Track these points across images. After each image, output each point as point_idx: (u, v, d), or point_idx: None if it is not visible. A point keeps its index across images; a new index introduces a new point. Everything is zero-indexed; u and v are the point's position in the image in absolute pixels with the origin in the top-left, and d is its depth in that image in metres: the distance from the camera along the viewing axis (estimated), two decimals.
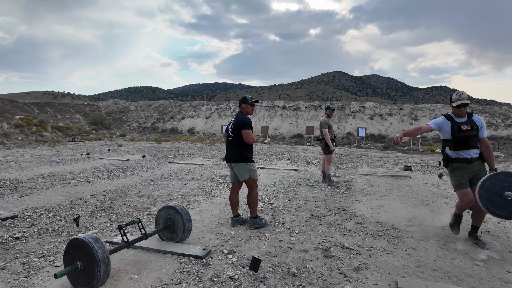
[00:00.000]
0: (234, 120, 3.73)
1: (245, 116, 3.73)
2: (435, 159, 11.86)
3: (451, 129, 3.29)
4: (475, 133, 3.25)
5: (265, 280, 2.60)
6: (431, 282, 2.59)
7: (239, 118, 3.67)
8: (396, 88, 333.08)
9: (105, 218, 4.17)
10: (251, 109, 3.82)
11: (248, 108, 3.80)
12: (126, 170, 8.04)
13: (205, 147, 15.99)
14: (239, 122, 3.63)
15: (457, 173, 3.35)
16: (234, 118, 3.76)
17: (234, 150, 3.67)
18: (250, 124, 3.62)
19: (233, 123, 3.71)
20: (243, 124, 3.59)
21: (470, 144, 3.27)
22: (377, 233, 3.77)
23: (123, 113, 29.18)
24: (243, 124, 3.58)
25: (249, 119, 3.68)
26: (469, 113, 3.33)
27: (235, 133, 3.65)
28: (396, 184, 6.80)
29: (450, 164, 3.43)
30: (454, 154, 3.36)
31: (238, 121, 3.65)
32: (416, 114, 22.32)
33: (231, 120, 3.82)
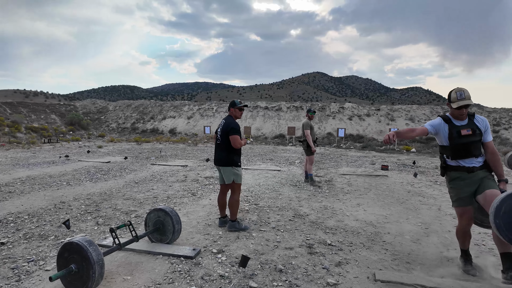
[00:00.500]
0: (222, 124, 3.84)
1: (233, 120, 3.84)
2: (410, 158, 12.44)
3: (448, 134, 2.75)
4: (477, 138, 2.69)
5: (254, 276, 2.76)
6: (405, 274, 2.83)
7: (227, 123, 3.79)
8: (374, 88, 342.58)
9: (92, 222, 4.18)
10: (240, 113, 3.94)
11: (237, 112, 3.92)
12: (108, 173, 7.95)
13: (188, 148, 15.94)
14: (227, 127, 3.74)
15: (457, 184, 2.77)
16: (222, 122, 3.87)
17: (222, 153, 3.79)
18: (237, 129, 3.74)
19: (222, 127, 3.82)
20: (230, 129, 3.70)
21: (472, 152, 2.71)
22: (356, 230, 4.01)
23: (102, 113, 28.46)
24: (231, 130, 3.70)
25: (237, 124, 3.80)
26: (471, 114, 2.78)
27: (223, 137, 3.77)
28: (374, 183, 7.14)
29: (448, 172, 2.87)
30: (453, 162, 2.81)
31: (226, 125, 3.77)
32: (393, 114, 23.18)
33: (220, 123, 3.92)
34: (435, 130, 2.84)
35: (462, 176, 2.75)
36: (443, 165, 2.90)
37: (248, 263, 2.94)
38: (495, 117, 22.22)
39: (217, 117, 26.23)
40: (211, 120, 25.85)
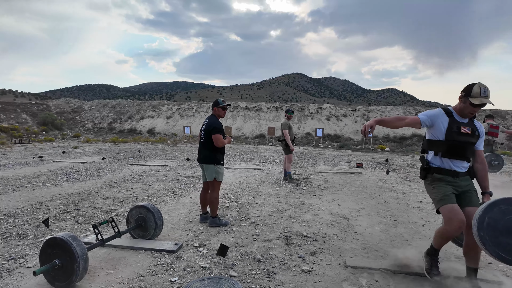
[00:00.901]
0: (205, 123, 3.95)
1: (217, 119, 3.97)
2: (384, 157, 13.01)
3: (447, 128, 2.48)
4: (474, 140, 2.49)
5: (234, 267, 2.91)
6: (373, 260, 3.09)
7: (210, 122, 3.90)
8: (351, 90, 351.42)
9: (71, 221, 4.18)
10: (223, 113, 4.06)
11: (220, 111, 4.04)
12: (86, 173, 7.83)
13: (167, 148, 15.82)
14: (210, 126, 3.86)
15: (440, 184, 2.53)
16: (206, 121, 3.98)
17: (205, 151, 3.91)
18: (219, 129, 3.86)
19: (205, 126, 3.93)
20: (213, 128, 3.82)
21: (466, 154, 2.50)
22: (330, 222, 4.26)
23: (76, 113, 27.57)
24: (213, 129, 3.82)
25: (220, 123, 3.92)
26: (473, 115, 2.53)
27: (206, 136, 3.89)
28: (348, 180, 7.48)
29: (429, 175, 2.59)
30: (439, 162, 2.55)
31: (209, 125, 3.89)
32: (368, 115, 24.00)
33: (204, 122, 4.03)
34: (431, 121, 2.53)
35: (446, 178, 2.51)
36: (425, 166, 2.60)
37: (228, 254, 3.10)
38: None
39: (197, 117, 26.11)
40: (191, 120, 25.70)
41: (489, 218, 2.07)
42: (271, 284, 2.61)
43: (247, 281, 2.66)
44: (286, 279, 2.70)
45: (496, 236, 2.05)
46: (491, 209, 2.10)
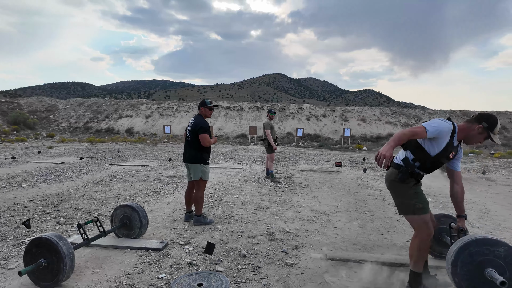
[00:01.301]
0: (192, 123, 4.00)
1: (203, 119, 4.02)
2: (361, 156, 13.46)
3: (442, 149, 2.36)
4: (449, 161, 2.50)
5: (220, 262, 3.00)
6: (351, 252, 3.28)
7: (196, 122, 3.95)
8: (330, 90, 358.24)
9: (52, 222, 4.11)
10: (210, 113, 4.12)
11: (207, 111, 4.09)
12: (64, 174, 7.63)
13: (147, 148, 15.59)
14: (196, 125, 3.91)
15: (420, 190, 2.50)
16: (192, 121, 4.02)
17: (191, 151, 3.96)
18: (206, 128, 3.92)
19: (191, 125, 3.98)
20: (200, 128, 3.88)
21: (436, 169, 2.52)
22: (311, 219, 4.43)
23: (50, 112, 26.53)
24: (200, 128, 3.87)
25: (207, 123, 3.97)
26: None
27: (192, 135, 3.93)
28: (328, 178, 7.74)
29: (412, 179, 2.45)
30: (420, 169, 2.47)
31: (195, 124, 3.93)
32: (347, 115, 24.67)
33: (190, 122, 4.08)
34: (438, 134, 2.32)
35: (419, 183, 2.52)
36: (411, 171, 2.41)
37: (214, 251, 3.18)
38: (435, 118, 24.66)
39: (178, 117, 25.82)
40: (171, 120, 25.38)
41: (462, 262, 2.07)
42: (256, 278, 2.73)
43: (233, 275, 2.76)
44: (271, 272, 2.82)
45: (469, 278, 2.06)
46: (463, 253, 2.08)
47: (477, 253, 2.04)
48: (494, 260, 2.01)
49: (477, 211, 5.00)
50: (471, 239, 2.08)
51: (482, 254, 2.04)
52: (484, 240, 2.04)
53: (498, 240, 2.06)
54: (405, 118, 24.73)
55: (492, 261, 2.02)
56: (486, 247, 2.03)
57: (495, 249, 2.02)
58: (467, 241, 2.08)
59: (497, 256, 2.01)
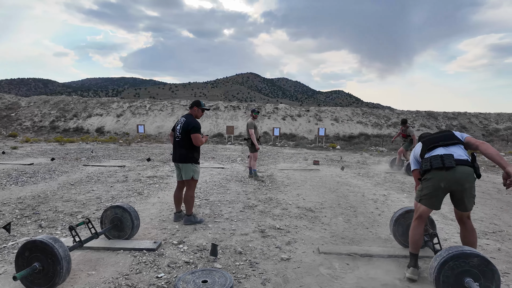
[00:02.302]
0: (183, 122, 3.97)
1: (194, 119, 4.00)
2: (336, 154, 13.93)
3: None
4: None
5: (217, 260, 3.04)
6: (341, 246, 3.44)
7: (188, 121, 3.93)
8: (302, 91, 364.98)
9: (33, 225, 3.92)
10: (201, 114, 4.13)
11: (199, 112, 4.09)
12: (35, 175, 7.23)
13: (120, 147, 15.10)
14: (188, 125, 3.89)
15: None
16: (183, 120, 3.99)
17: (181, 150, 3.93)
18: (199, 128, 3.90)
19: (182, 124, 3.95)
20: (192, 127, 3.86)
21: None
22: (299, 215, 4.57)
23: (11, 110, 24.84)
24: (193, 128, 3.85)
25: (198, 123, 3.95)
26: None
27: (183, 134, 3.91)
28: (308, 176, 7.96)
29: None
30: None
31: (187, 124, 3.91)
32: (320, 115, 25.34)
33: (179, 121, 4.03)
34: None
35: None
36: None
37: (209, 249, 3.22)
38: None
39: (151, 116, 25.18)
40: (144, 119, 24.71)
41: (443, 276, 2.34)
42: (255, 273, 2.80)
43: (232, 271, 2.81)
44: (268, 268, 2.91)
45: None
46: (443, 268, 2.34)
47: (456, 267, 2.31)
48: (470, 270, 2.29)
49: (449, 205, 5.38)
50: (449, 255, 2.34)
51: (460, 267, 2.31)
52: (460, 254, 2.32)
53: (472, 252, 2.33)
54: (375, 118, 25.85)
55: (468, 271, 2.29)
56: (462, 260, 2.30)
57: (469, 260, 2.29)
58: (445, 258, 2.34)
59: (472, 266, 2.29)
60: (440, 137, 2.74)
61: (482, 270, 2.27)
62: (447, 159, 2.53)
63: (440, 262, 2.35)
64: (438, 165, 2.54)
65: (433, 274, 2.38)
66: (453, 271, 2.31)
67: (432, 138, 2.79)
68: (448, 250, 2.40)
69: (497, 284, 2.25)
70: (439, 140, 2.70)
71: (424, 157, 2.72)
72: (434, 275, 2.36)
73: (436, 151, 2.64)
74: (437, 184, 2.58)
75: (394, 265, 3.01)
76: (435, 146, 2.68)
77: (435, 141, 2.71)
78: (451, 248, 2.42)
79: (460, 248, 2.37)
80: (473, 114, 27.64)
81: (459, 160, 2.52)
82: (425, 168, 2.65)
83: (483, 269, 2.27)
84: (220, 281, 2.39)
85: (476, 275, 2.27)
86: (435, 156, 2.59)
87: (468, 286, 2.24)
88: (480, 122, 26.50)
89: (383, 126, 24.79)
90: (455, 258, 2.32)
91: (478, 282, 2.25)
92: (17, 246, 3.28)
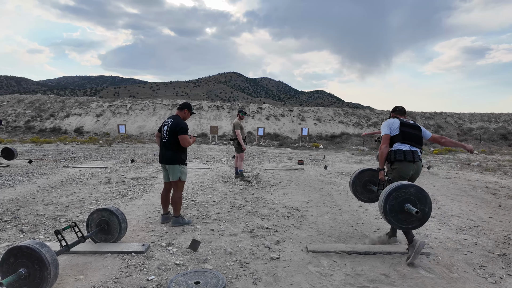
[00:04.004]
0: (170, 123, 3.93)
1: (182, 120, 3.97)
2: (320, 154, 14.15)
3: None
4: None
5: (207, 261, 3.05)
6: (329, 244, 3.53)
7: (175, 122, 3.90)
8: (285, 91, 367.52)
9: (14, 230, 3.78)
10: (189, 116, 4.17)
11: (188, 115, 4.12)
12: (12, 178, 6.95)
13: (101, 148, 14.73)
14: (176, 126, 3.86)
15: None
16: (170, 121, 3.96)
17: (168, 151, 3.90)
18: (187, 129, 3.89)
19: (169, 126, 3.91)
20: (180, 128, 3.84)
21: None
22: (286, 215, 4.64)
23: None
24: (181, 129, 3.83)
25: (186, 124, 3.93)
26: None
27: (170, 135, 3.88)
28: (293, 175, 8.07)
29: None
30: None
31: (174, 125, 3.88)
32: (303, 115, 25.65)
33: (166, 122, 4.00)
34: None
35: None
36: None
37: (199, 250, 3.22)
38: (383, 118, 26.74)
39: (132, 115, 24.67)
40: (125, 118, 24.18)
41: (389, 205, 2.90)
42: (246, 273, 2.83)
43: (223, 272, 2.83)
44: (259, 267, 2.95)
45: (396, 215, 2.92)
46: (388, 199, 2.90)
47: (398, 196, 2.89)
48: (409, 198, 2.88)
49: None
50: (391, 188, 2.91)
51: (401, 196, 2.89)
52: (400, 186, 2.89)
53: (409, 184, 2.91)
54: (356, 118, 26.45)
55: (408, 198, 2.88)
56: (402, 190, 2.89)
57: (408, 190, 2.89)
58: (389, 191, 2.91)
59: (410, 194, 2.88)
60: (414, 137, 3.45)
61: (418, 197, 2.88)
62: (416, 155, 3.37)
63: (386, 194, 2.91)
64: (410, 159, 3.33)
65: (381, 204, 2.94)
66: (396, 200, 2.89)
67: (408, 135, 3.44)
68: (391, 185, 2.96)
69: (429, 207, 2.91)
70: (412, 140, 3.43)
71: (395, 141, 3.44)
72: (382, 205, 2.93)
73: (407, 147, 3.39)
74: (407, 171, 3.36)
75: (379, 261, 3.12)
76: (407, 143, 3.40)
77: (410, 139, 3.42)
78: (393, 183, 2.98)
79: (400, 183, 2.94)
80: (449, 114, 28.81)
81: (419, 157, 3.42)
82: (398, 158, 3.35)
83: (418, 196, 2.88)
84: (213, 282, 2.41)
85: (414, 201, 2.88)
86: (408, 151, 3.36)
87: (408, 209, 2.83)
88: (455, 121, 27.67)
89: (363, 125, 25.40)
90: (397, 189, 2.89)
91: (415, 206, 2.85)
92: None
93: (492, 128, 26.14)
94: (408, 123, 3.52)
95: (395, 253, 3.28)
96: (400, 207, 2.87)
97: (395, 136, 3.44)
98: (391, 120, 3.55)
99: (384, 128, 3.52)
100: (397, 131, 3.44)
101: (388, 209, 2.88)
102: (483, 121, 27.78)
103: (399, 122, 3.50)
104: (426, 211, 2.89)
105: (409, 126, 3.48)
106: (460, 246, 3.59)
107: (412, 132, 3.45)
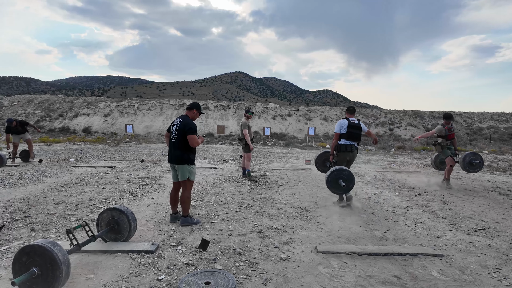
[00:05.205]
0: (179, 123, 3.94)
1: (191, 120, 3.98)
2: None
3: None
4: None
5: (217, 261, 3.05)
6: (339, 245, 3.50)
7: (184, 122, 3.91)
8: (291, 90, 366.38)
9: (25, 229, 3.83)
10: (198, 116, 4.18)
11: (197, 115, 4.13)
12: (23, 177, 7.06)
13: (109, 148, 14.86)
14: (185, 126, 3.87)
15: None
16: (179, 121, 3.97)
17: (177, 151, 3.91)
18: (195, 129, 3.89)
19: (178, 125, 3.92)
20: (189, 129, 3.84)
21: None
22: (294, 215, 4.62)
23: None
24: (189, 129, 3.84)
25: (195, 124, 3.94)
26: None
27: (179, 135, 3.88)
28: (301, 175, 8.03)
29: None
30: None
31: (183, 125, 3.89)
32: (310, 115, 25.54)
33: (175, 122, 4.00)
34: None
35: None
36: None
37: (208, 250, 3.22)
38: (390, 117, 26.50)
39: (139, 115, 24.87)
40: (132, 118, 24.38)
41: (331, 180, 4.76)
42: (256, 273, 2.82)
43: (233, 272, 2.82)
44: (268, 268, 2.93)
45: (334, 185, 4.75)
46: (330, 175, 4.74)
47: (336, 175, 4.72)
48: (343, 176, 4.69)
49: (438, 202, 5.55)
50: (333, 169, 4.76)
51: (338, 175, 4.71)
52: (338, 169, 4.75)
53: (344, 168, 4.76)
54: (363, 117, 26.24)
55: (342, 177, 4.69)
56: (334, 172, 4.73)
57: (341, 172, 4.71)
58: (332, 170, 4.77)
59: (344, 175, 4.70)
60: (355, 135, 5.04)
61: (347, 177, 4.70)
62: (353, 147, 5.05)
63: (329, 172, 4.78)
64: (348, 149, 5.03)
65: (327, 178, 4.78)
66: (334, 176, 4.72)
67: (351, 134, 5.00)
68: (335, 167, 4.81)
69: (352, 184, 4.72)
70: (353, 138, 5.03)
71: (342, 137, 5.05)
72: (327, 177, 4.81)
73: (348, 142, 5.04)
74: (345, 157, 5.11)
75: (390, 262, 3.08)
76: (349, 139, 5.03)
77: (352, 138, 5.02)
78: (336, 166, 4.85)
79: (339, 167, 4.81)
80: (458, 113, 28.40)
81: (356, 147, 5.10)
82: (342, 150, 5.05)
83: (349, 177, 4.70)
84: (223, 282, 2.40)
85: (345, 179, 4.69)
86: (348, 145, 5.03)
87: (340, 184, 4.64)
88: (465, 121, 27.26)
89: (371, 125, 25.18)
90: (336, 170, 4.73)
91: (345, 182, 4.66)
92: (10, 250, 3.20)
93: (502, 127, 25.69)
94: (354, 124, 5.03)
95: (406, 254, 3.24)
96: (336, 182, 4.71)
97: (343, 134, 5.00)
98: (342, 122, 5.06)
99: (337, 127, 5.10)
100: (344, 130, 4.99)
101: (329, 180, 4.75)
102: (493, 121, 27.32)
103: (347, 124, 4.99)
104: (350, 186, 4.73)
105: (353, 127, 5.01)
106: (473, 248, 3.53)
107: (354, 132, 5.01)
